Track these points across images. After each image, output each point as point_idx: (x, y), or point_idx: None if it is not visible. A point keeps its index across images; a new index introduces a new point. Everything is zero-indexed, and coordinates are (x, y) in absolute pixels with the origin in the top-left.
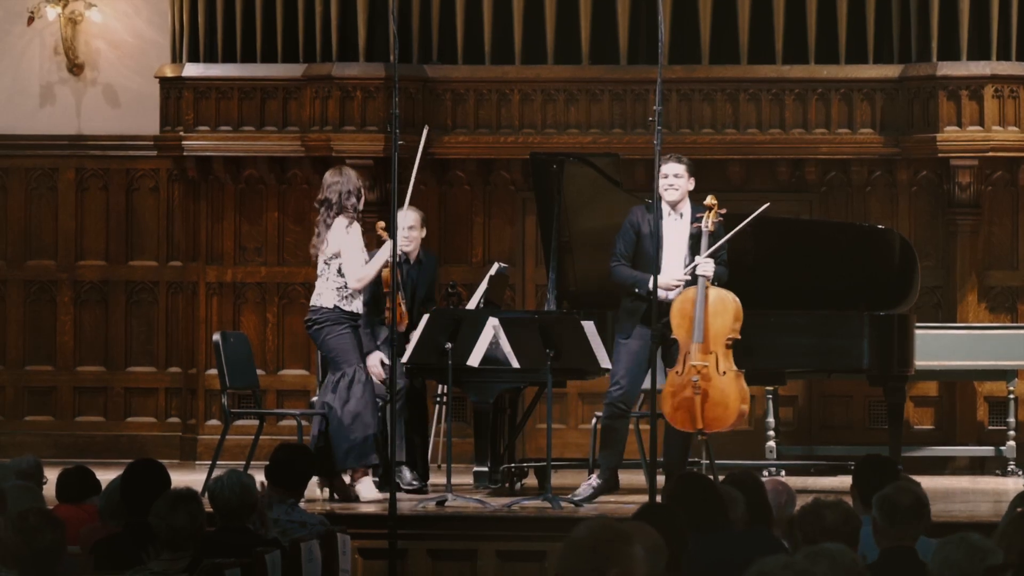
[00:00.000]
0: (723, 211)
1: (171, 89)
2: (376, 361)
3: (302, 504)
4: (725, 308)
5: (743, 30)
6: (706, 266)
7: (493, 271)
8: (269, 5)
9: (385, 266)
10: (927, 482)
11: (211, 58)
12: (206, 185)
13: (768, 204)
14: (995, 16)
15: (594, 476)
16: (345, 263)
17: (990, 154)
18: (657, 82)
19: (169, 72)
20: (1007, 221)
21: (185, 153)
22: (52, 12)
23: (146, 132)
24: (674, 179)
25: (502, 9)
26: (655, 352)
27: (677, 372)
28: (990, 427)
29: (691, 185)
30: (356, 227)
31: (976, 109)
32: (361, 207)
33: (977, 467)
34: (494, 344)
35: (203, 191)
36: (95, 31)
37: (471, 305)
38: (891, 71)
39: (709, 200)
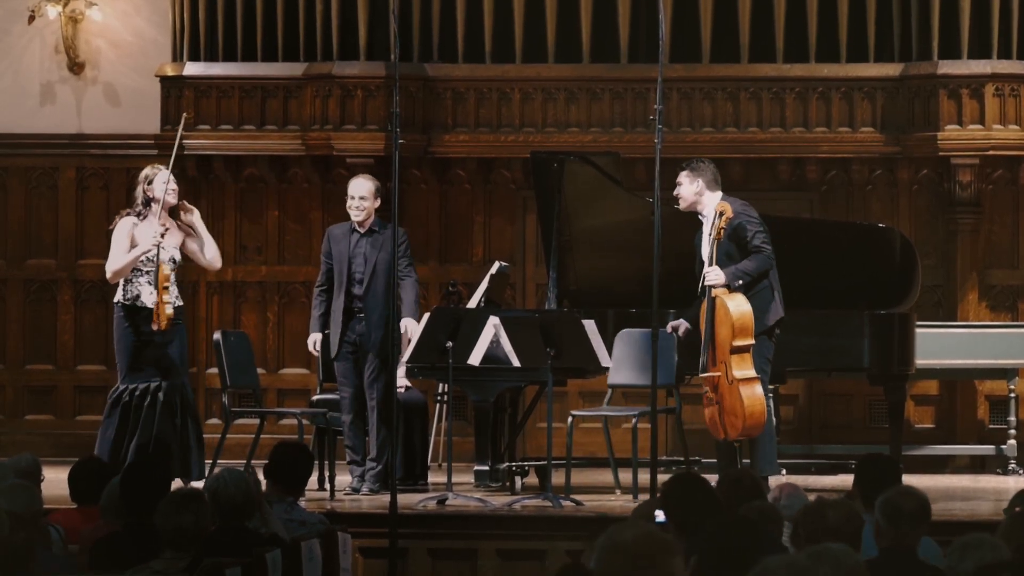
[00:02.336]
0: (730, 216)
1: (172, 88)
2: (311, 342)
3: (301, 503)
4: (725, 317)
5: (744, 29)
6: (713, 276)
7: (494, 270)
8: (270, 4)
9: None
10: (927, 481)
11: (212, 57)
12: (206, 184)
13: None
14: (996, 15)
15: None
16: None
17: (991, 153)
18: (658, 81)
19: (170, 71)
20: (1008, 220)
21: (186, 152)
22: (53, 11)
23: (147, 131)
24: (677, 188)
25: (503, 8)
26: (655, 352)
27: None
28: (991, 426)
29: (696, 187)
30: (123, 222)
31: (977, 108)
32: (142, 205)
33: (978, 466)
34: (495, 343)
35: (203, 190)
36: (96, 30)
37: (472, 304)
38: (892, 70)
39: (718, 207)
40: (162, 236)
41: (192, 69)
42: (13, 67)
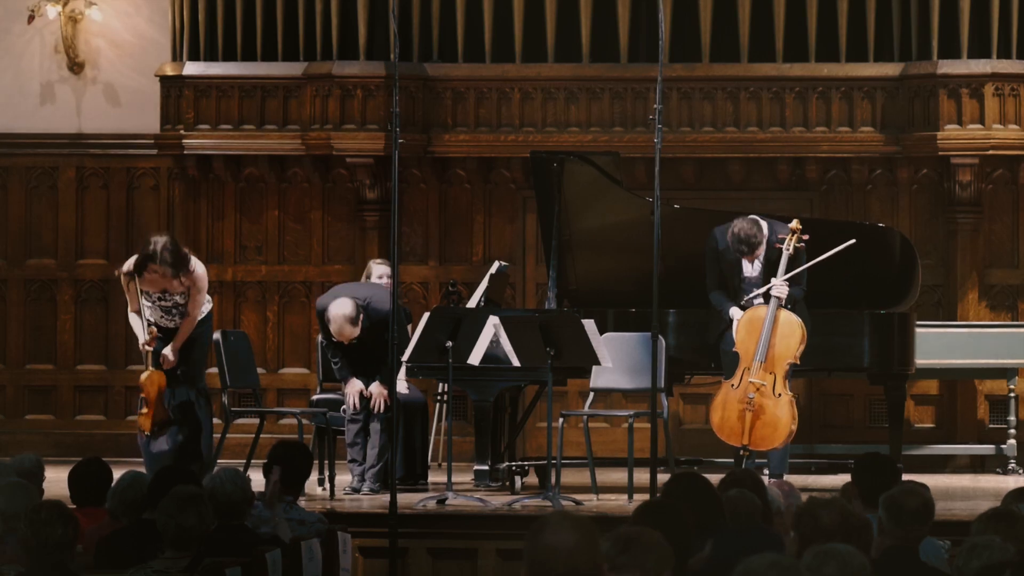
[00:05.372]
0: (806, 236)
1: (171, 87)
2: (355, 391)
3: (301, 503)
4: (792, 332)
5: (743, 28)
6: (781, 288)
7: (494, 270)
8: (269, 4)
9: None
10: (927, 481)
11: (211, 56)
12: (206, 184)
13: (853, 240)
14: (995, 14)
15: None
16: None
17: (990, 152)
18: (658, 80)
19: (169, 70)
20: (1007, 219)
21: (185, 152)
22: (52, 11)
23: (146, 131)
24: (755, 253)
25: (502, 7)
26: (655, 352)
27: (732, 385)
28: (991, 425)
29: (767, 230)
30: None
31: (976, 107)
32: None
33: (978, 465)
34: (495, 343)
35: (203, 190)
36: (95, 29)
37: (472, 304)
38: (891, 69)
39: (794, 224)
40: (146, 349)
41: (192, 69)
42: (13, 67)
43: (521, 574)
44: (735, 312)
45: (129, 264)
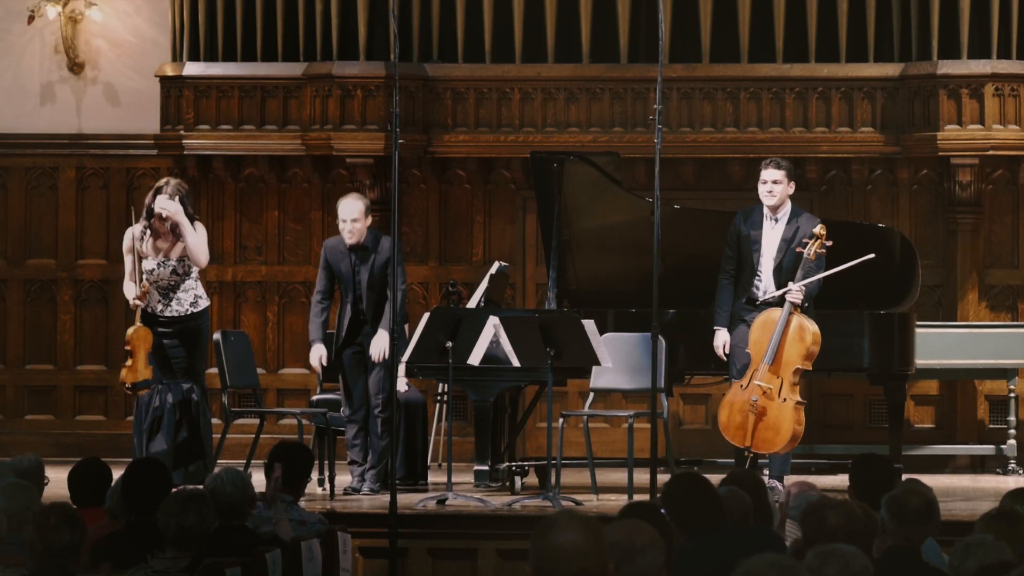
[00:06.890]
0: (829, 243)
1: (171, 88)
2: (317, 356)
3: (301, 503)
4: (803, 338)
5: (743, 29)
6: (796, 294)
7: (493, 270)
8: (269, 4)
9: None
10: (927, 481)
11: (211, 57)
12: (206, 184)
13: (873, 255)
14: (995, 15)
15: None
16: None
17: (991, 153)
18: (658, 81)
19: (169, 71)
20: (1008, 220)
21: (185, 152)
22: (52, 11)
23: (146, 131)
24: (772, 185)
25: (502, 8)
26: (655, 352)
27: (741, 386)
28: (991, 425)
29: (791, 189)
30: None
31: (976, 108)
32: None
33: (978, 466)
34: (495, 343)
35: (203, 190)
36: (95, 30)
37: (472, 304)
38: (892, 70)
39: (819, 229)
40: (136, 303)
41: (192, 69)
42: (13, 67)
43: (526, 574)
44: (721, 334)
45: (136, 228)
